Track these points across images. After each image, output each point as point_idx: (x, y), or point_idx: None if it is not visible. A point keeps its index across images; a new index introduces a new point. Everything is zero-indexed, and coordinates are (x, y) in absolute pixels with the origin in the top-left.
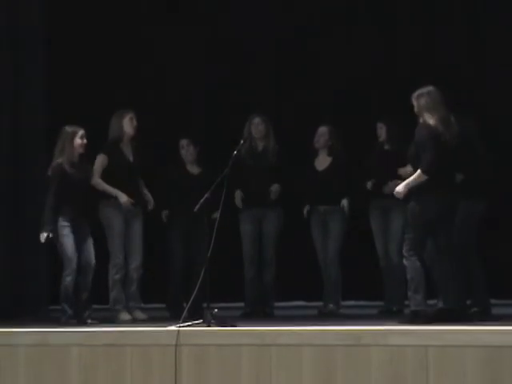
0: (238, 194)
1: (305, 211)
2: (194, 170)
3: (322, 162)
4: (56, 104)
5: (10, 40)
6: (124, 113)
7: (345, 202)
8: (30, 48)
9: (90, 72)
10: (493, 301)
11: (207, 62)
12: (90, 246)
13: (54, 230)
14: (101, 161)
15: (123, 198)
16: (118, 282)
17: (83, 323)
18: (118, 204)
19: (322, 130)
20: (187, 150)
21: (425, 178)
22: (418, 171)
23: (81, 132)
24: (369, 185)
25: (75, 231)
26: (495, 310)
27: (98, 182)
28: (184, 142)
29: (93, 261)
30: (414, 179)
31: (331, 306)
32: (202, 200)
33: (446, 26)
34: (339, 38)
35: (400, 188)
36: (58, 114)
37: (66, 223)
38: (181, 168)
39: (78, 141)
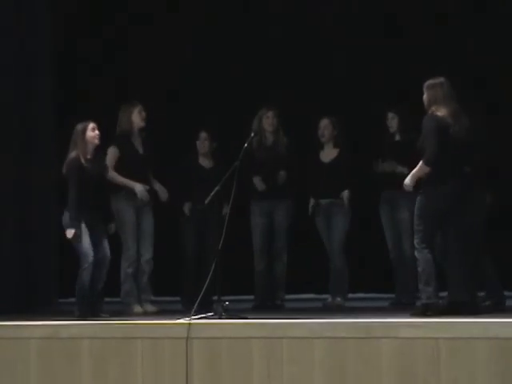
0: (257, 179)
1: (310, 207)
2: (205, 163)
3: (328, 153)
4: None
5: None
6: (132, 106)
7: (345, 194)
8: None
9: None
10: (507, 293)
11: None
12: (105, 240)
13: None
14: (113, 154)
15: (139, 187)
16: (131, 275)
17: (95, 316)
18: (130, 196)
19: (325, 122)
20: (203, 143)
21: (427, 168)
22: (421, 162)
23: (91, 125)
24: (375, 164)
25: (91, 226)
26: (510, 303)
27: (113, 175)
28: (203, 135)
29: (108, 254)
30: (418, 170)
31: (338, 299)
32: (212, 193)
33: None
34: (345, 25)
35: (407, 180)
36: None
37: (81, 218)
38: (193, 160)
39: (90, 134)
